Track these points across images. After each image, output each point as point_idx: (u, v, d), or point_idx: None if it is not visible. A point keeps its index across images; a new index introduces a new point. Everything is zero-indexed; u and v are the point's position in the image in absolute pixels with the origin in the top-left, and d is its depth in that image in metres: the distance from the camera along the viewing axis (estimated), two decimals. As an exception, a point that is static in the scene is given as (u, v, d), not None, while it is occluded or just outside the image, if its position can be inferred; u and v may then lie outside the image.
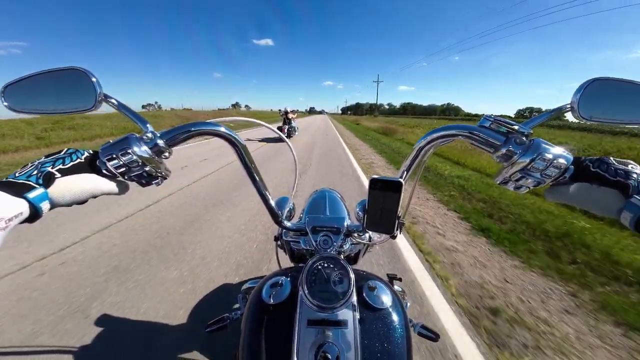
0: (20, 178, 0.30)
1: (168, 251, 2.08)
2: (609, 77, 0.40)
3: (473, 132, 0.41)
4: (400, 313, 0.47)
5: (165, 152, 0.41)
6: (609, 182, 0.33)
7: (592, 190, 0.35)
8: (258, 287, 0.51)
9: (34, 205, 0.29)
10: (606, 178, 0.33)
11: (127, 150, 0.36)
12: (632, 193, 0.31)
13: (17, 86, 0.41)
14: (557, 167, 0.36)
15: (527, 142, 0.37)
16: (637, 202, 0.30)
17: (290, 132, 9.93)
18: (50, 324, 1.37)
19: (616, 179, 0.32)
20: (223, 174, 4.57)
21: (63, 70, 0.41)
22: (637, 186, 0.31)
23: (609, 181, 0.33)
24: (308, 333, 0.41)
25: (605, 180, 0.33)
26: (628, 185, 0.31)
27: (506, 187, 0.41)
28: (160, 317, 1.44)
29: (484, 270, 1.95)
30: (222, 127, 0.44)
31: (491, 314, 1.52)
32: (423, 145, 0.46)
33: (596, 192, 0.34)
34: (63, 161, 0.34)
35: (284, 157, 6.12)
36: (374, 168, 5.49)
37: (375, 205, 0.46)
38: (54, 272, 1.78)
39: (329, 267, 0.47)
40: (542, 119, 0.41)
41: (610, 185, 0.33)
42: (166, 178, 0.43)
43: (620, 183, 0.32)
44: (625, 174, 0.32)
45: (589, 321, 1.49)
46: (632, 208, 0.30)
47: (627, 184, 0.32)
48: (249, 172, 0.51)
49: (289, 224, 0.63)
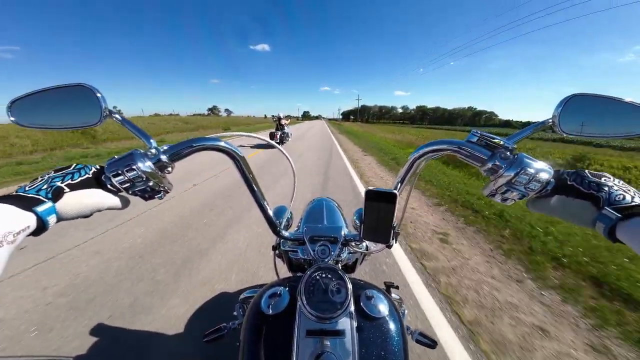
0: (31, 192, 0.31)
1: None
2: (586, 93, 0.43)
3: (461, 147, 0.43)
4: (397, 321, 0.48)
5: (168, 167, 0.42)
6: (583, 195, 0.35)
7: (569, 203, 0.37)
8: (257, 298, 0.52)
9: (42, 219, 0.30)
10: (580, 190, 0.36)
11: (132, 167, 0.37)
12: (603, 205, 0.33)
13: (24, 101, 0.42)
14: (539, 180, 0.38)
15: (512, 157, 0.39)
16: (608, 213, 0.32)
17: (283, 139, 10.04)
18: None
19: (589, 192, 0.35)
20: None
21: (69, 86, 0.43)
22: (608, 198, 0.33)
23: (583, 193, 0.35)
24: (307, 343, 0.41)
25: (579, 192, 0.36)
26: (599, 197, 0.34)
27: (493, 199, 0.42)
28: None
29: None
30: (221, 142, 0.46)
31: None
32: (416, 158, 0.49)
33: (572, 204, 0.37)
34: (72, 176, 0.35)
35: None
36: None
37: (371, 215, 0.47)
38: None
39: (327, 278, 0.48)
40: (525, 134, 0.43)
41: (584, 197, 0.35)
42: (168, 192, 0.44)
43: (593, 195, 0.34)
44: (597, 187, 0.35)
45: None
46: (604, 219, 0.32)
47: (598, 196, 0.34)
48: (248, 183, 0.53)
49: (287, 233, 0.64)
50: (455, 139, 0.46)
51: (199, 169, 5.17)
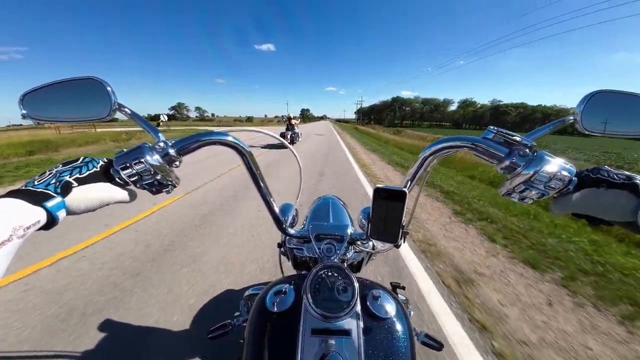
0: (39, 187, 0.31)
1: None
2: (611, 90, 0.41)
3: (476, 143, 0.41)
4: (404, 322, 0.47)
5: (176, 161, 0.42)
6: (617, 185, 0.32)
7: (601, 195, 0.33)
8: (262, 295, 0.51)
9: (52, 213, 0.30)
10: (611, 182, 0.33)
11: (140, 160, 0.37)
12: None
13: (35, 94, 0.43)
14: (560, 179, 0.36)
15: (530, 154, 0.37)
16: None
17: (294, 139, 10.31)
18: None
19: (621, 182, 0.32)
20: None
21: (80, 79, 0.43)
22: None
23: (616, 184, 0.32)
24: (312, 342, 0.41)
25: (611, 183, 0.33)
26: (637, 184, 0.31)
27: (510, 198, 0.40)
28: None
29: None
30: (229, 137, 0.45)
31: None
32: (427, 156, 0.47)
33: (605, 196, 0.33)
34: (80, 170, 0.35)
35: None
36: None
37: (380, 214, 0.46)
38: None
39: (333, 276, 0.47)
40: (545, 131, 0.41)
41: (618, 187, 0.32)
42: (176, 186, 0.44)
43: (628, 184, 0.31)
44: (627, 177, 0.32)
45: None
46: None
47: (635, 183, 0.31)
48: (254, 179, 0.52)
49: (293, 231, 0.63)
50: (467, 135, 0.44)
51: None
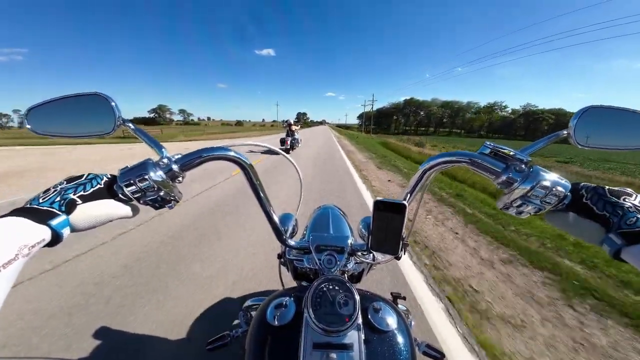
0: (44, 205, 0.31)
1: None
2: (602, 105, 0.42)
3: (474, 159, 0.42)
4: (405, 334, 0.47)
5: (179, 176, 0.42)
6: (595, 216, 0.36)
7: (580, 222, 0.38)
8: (262, 308, 0.51)
9: (56, 231, 0.30)
10: (593, 211, 0.36)
11: (144, 176, 0.37)
12: (611, 228, 0.34)
13: (40, 110, 0.43)
14: (555, 195, 0.37)
15: (527, 169, 0.38)
16: (614, 237, 0.33)
17: (294, 145, 10.20)
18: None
19: (602, 213, 0.35)
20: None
21: (84, 95, 0.43)
22: (619, 221, 0.33)
23: (595, 215, 0.36)
24: (314, 356, 0.40)
25: (591, 213, 0.36)
26: (609, 221, 0.34)
27: (508, 212, 0.41)
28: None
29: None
30: (231, 152, 0.46)
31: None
32: (427, 169, 0.48)
33: (583, 224, 0.37)
34: (84, 187, 0.35)
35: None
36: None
37: (380, 226, 0.46)
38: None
39: (334, 289, 0.47)
40: (540, 146, 0.42)
41: (594, 218, 0.36)
42: (178, 201, 0.44)
43: (604, 218, 0.35)
44: (612, 208, 0.34)
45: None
46: (610, 243, 0.34)
47: (608, 220, 0.34)
48: (255, 191, 0.52)
49: (293, 242, 0.63)
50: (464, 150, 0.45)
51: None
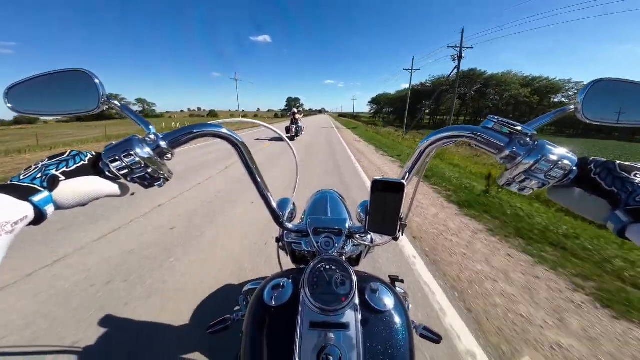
0: (25, 181, 0.30)
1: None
2: (613, 78, 0.40)
3: (476, 133, 0.40)
4: (402, 315, 0.47)
5: (168, 153, 0.41)
6: (602, 192, 0.34)
7: (585, 197, 0.36)
8: (260, 289, 0.51)
9: (39, 208, 0.29)
10: (601, 187, 0.34)
11: (130, 152, 0.35)
12: (619, 205, 0.32)
13: (21, 87, 0.41)
14: (561, 168, 0.35)
15: (531, 143, 0.37)
16: (621, 215, 0.31)
17: (298, 132, 11.33)
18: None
19: (610, 189, 0.33)
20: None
21: (66, 71, 0.41)
22: (627, 198, 0.31)
23: (603, 190, 0.34)
24: (310, 335, 0.41)
25: (599, 188, 0.34)
26: (617, 197, 0.32)
27: (509, 188, 0.40)
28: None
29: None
30: (222, 129, 0.44)
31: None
32: (426, 147, 0.46)
33: (588, 200, 0.35)
34: (67, 164, 0.34)
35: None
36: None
37: (378, 206, 0.45)
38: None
39: (331, 269, 0.46)
40: (546, 120, 0.40)
41: (602, 194, 0.34)
42: (168, 180, 0.43)
43: (612, 194, 0.33)
44: (621, 184, 0.32)
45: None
46: (615, 220, 0.32)
47: (617, 196, 0.32)
48: (250, 173, 0.51)
49: (291, 225, 0.62)
50: (466, 124, 0.43)
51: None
